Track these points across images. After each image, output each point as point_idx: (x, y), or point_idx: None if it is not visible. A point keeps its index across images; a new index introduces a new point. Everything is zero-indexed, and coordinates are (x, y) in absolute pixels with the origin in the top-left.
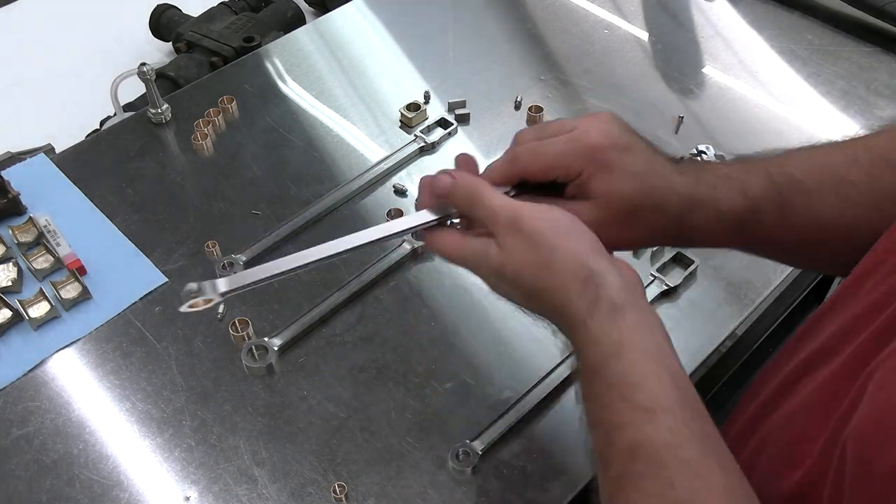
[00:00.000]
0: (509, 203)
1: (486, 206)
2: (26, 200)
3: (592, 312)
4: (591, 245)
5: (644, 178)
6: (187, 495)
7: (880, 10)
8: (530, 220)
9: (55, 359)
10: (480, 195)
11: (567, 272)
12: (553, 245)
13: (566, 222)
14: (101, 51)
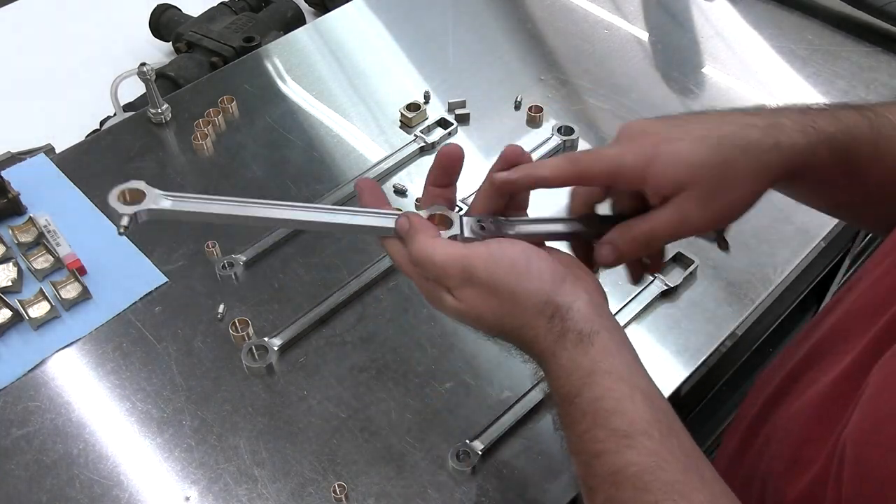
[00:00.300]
0: (457, 253)
1: (433, 264)
2: (26, 200)
3: (561, 345)
4: (553, 277)
5: (702, 128)
6: (187, 495)
7: (880, 10)
8: (484, 270)
9: (55, 359)
10: (426, 253)
11: (531, 311)
12: (513, 289)
13: (523, 260)
14: (101, 51)
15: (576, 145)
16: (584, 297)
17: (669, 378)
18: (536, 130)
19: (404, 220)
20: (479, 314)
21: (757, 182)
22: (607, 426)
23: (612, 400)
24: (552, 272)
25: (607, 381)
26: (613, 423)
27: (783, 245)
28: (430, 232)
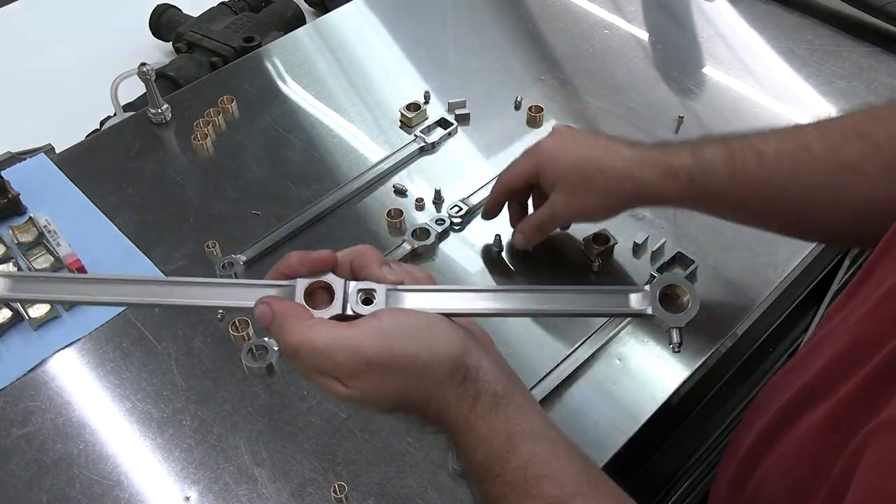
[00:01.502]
0: (343, 338)
1: (316, 355)
2: (26, 200)
3: (475, 410)
4: (459, 338)
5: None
6: (187, 495)
7: (880, 10)
8: (381, 352)
9: (55, 359)
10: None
11: (441, 380)
12: (422, 360)
13: (423, 326)
14: (101, 51)
15: None
16: (488, 355)
17: (669, 378)
18: (536, 130)
19: (264, 307)
20: (380, 397)
21: (609, 198)
22: (539, 495)
23: (538, 465)
24: (457, 334)
25: (529, 444)
26: (545, 489)
27: (783, 245)
28: (302, 316)
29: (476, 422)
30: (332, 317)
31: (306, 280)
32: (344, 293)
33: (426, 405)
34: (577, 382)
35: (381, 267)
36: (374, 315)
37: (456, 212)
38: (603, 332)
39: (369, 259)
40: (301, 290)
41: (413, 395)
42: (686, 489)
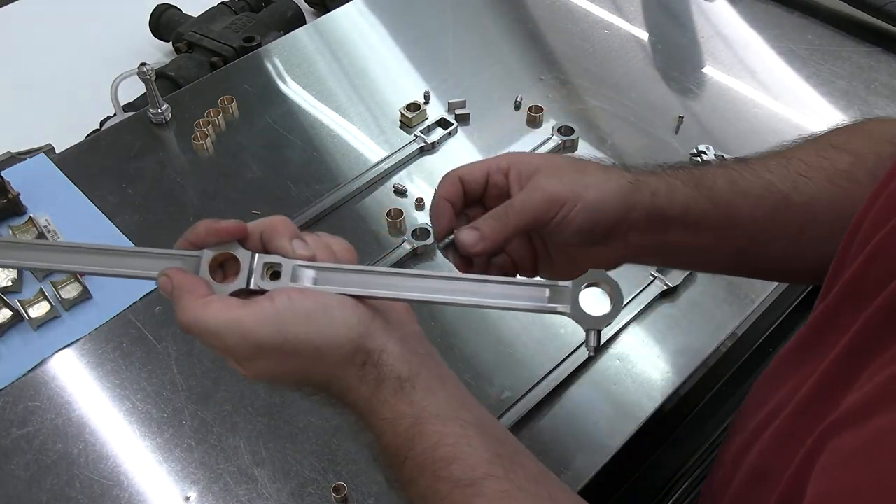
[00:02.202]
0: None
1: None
2: (26, 200)
3: (378, 395)
4: (360, 320)
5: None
6: (187, 495)
7: (880, 10)
8: (272, 335)
9: (55, 359)
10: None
11: (339, 363)
12: (315, 344)
13: (319, 310)
14: (101, 51)
15: (576, 145)
16: (395, 336)
17: (669, 378)
18: (536, 130)
19: (165, 279)
20: (277, 377)
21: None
22: (449, 478)
23: (447, 447)
24: (358, 316)
25: (437, 426)
26: (454, 472)
27: None
28: (198, 292)
29: (378, 406)
30: (235, 291)
31: (212, 251)
32: (250, 266)
33: (327, 386)
34: (577, 382)
35: (291, 240)
36: (268, 295)
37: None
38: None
39: (279, 231)
40: (206, 262)
41: (312, 377)
42: (686, 489)
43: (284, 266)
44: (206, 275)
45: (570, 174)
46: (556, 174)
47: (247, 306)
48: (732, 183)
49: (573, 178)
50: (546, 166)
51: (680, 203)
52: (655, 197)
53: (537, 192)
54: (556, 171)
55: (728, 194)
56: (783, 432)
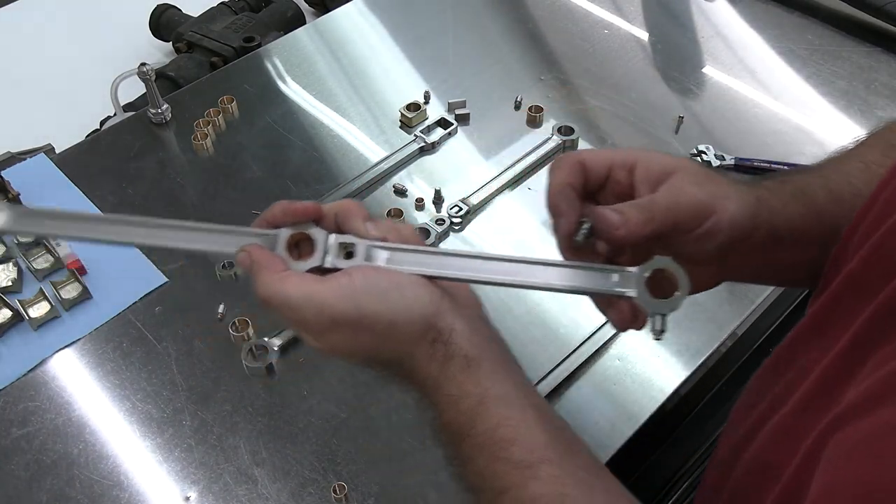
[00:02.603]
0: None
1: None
2: (26, 200)
3: (445, 372)
4: (431, 299)
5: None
6: (187, 495)
7: (880, 10)
8: (348, 310)
9: (55, 359)
10: (273, 293)
11: (411, 339)
12: (390, 319)
13: (393, 288)
14: (101, 51)
15: (576, 145)
16: (466, 316)
17: (669, 378)
18: (536, 130)
19: (244, 255)
20: (350, 351)
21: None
22: (508, 459)
23: (507, 428)
24: (430, 295)
25: (500, 408)
26: (513, 454)
27: None
28: (276, 267)
29: (445, 383)
30: (311, 269)
31: (289, 230)
32: (324, 246)
33: (397, 363)
34: (577, 382)
35: (364, 222)
36: (346, 272)
37: (456, 212)
38: (603, 332)
39: (353, 214)
40: (283, 240)
41: (383, 353)
42: (686, 489)
43: (358, 246)
44: (283, 252)
45: (709, 183)
46: (695, 180)
47: (324, 282)
48: (829, 191)
49: (713, 188)
50: (682, 169)
51: (790, 221)
52: (772, 215)
53: (684, 196)
54: (694, 177)
55: (827, 203)
56: (784, 426)
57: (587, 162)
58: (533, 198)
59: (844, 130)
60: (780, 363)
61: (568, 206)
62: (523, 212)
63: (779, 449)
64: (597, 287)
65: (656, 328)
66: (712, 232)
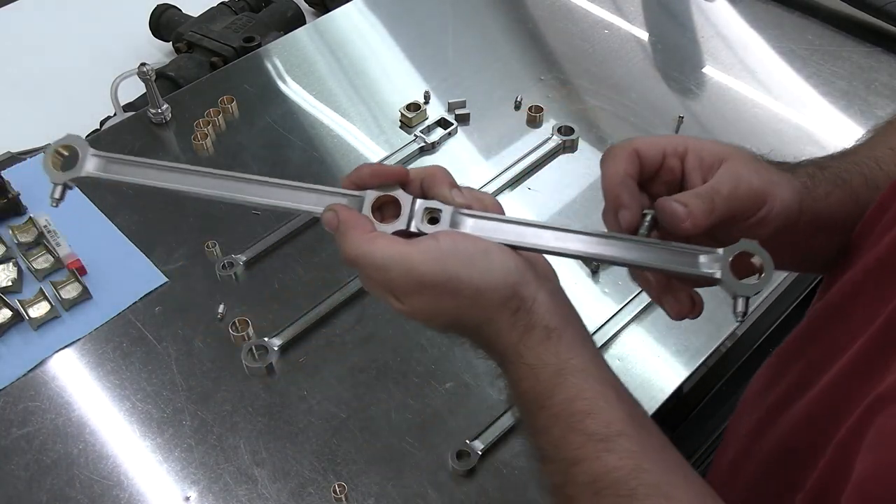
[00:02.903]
0: (399, 254)
1: (374, 268)
2: (26, 200)
3: (526, 341)
4: (517, 267)
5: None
6: (187, 495)
7: (880, 10)
8: (436, 273)
9: (55, 359)
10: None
11: (494, 306)
12: (476, 285)
13: (479, 253)
14: (101, 51)
15: (576, 145)
16: (547, 288)
17: (669, 378)
18: (536, 130)
19: (331, 214)
20: (432, 315)
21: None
22: (584, 430)
23: (585, 401)
24: (515, 263)
25: (578, 380)
26: (589, 426)
27: None
28: (364, 228)
29: (525, 352)
30: (395, 232)
31: (375, 192)
32: (410, 210)
33: (478, 330)
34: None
35: (450, 189)
36: (433, 235)
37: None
38: (604, 331)
39: (439, 180)
40: (369, 202)
41: (465, 318)
42: None
43: (444, 211)
44: (370, 214)
45: (762, 170)
46: (751, 168)
47: (413, 244)
48: (864, 177)
49: (767, 174)
50: (735, 156)
51: (832, 209)
52: (816, 203)
53: (742, 183)
54: (749, 164)
55: (864, 190)
56: (816, 409)
57: (641, 150)
58: (533, 197)
59: (844, 130)
60: (796, 348)
61: (630, 197)
62: (523, 211)
63: (811, 432)
64: (681, 267)
65: (738, 310)
66: (767, 219)
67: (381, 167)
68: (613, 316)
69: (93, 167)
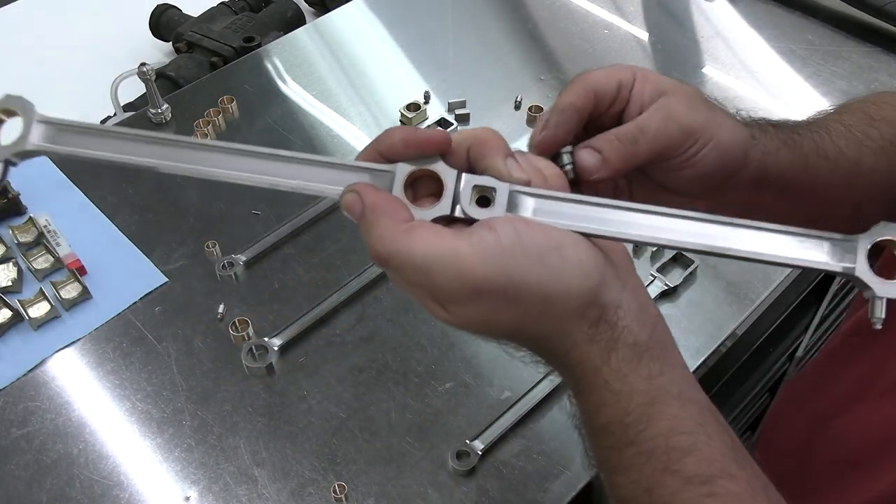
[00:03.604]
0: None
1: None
2: (26, 200)
3: (611, 362)
4: (596, 267)
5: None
6: (187, 495)
7: (880, 10)
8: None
9: (55, 359)
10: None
11: (568, 317)
12: (546, 292)
13: (554, 249)
14: (101, 51)
15: None
16: (629, 289)
17: None
18: None
19: (353, 197)
20: (487, 326)
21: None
22: (682, 473)
23: (682, 435)
24: (594, 260)
25: (674, 409)
26: (688, 467)
27: None
28: (399, 215)
29: (610, 377)
30: (436, 218)
31: (409, 166)
32: (455, 189)
33: (545, 341)
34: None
35: (505, 159)
36: (489, 224)
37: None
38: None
39: (491, 147)
40: (402, 178)
41: (529, 328)
42: None
43: (499, 190)
44: (402, 195)
45: (703, 108)
46: (688, 102)
47: (463, 237)
48: (816, 145)
49: (707, 113)
50: (676, 91)
51: (780, 167)
52: (765, 156)
53: (673, 120)
54: (688, 100)
55: (815, 158)
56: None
57: (599, 88)
58: None
59: None
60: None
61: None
62: None
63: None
64: (803, 261)
65: (877, 315)
66: (695, 159)
67: (415, 132)
68: None
69: (39, 137)
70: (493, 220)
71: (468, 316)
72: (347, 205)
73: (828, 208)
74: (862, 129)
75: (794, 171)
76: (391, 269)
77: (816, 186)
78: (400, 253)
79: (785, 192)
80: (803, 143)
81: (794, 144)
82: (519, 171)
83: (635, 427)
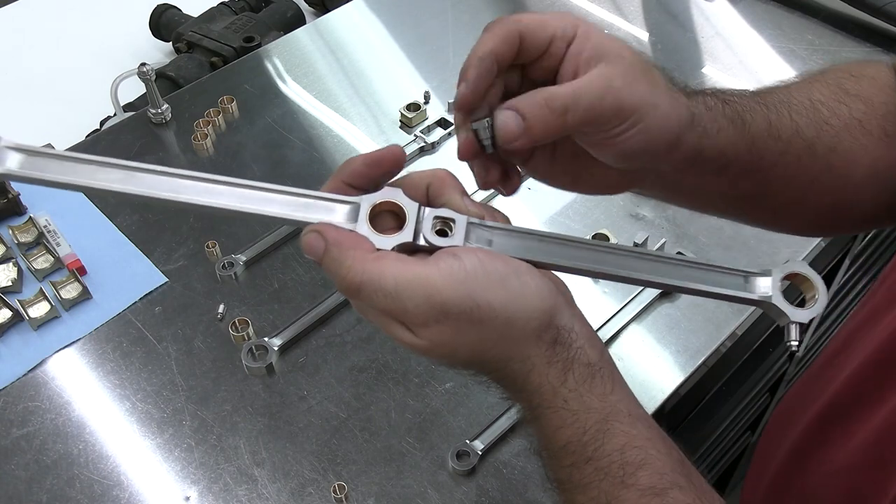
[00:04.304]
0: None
1: (383, 295)
2: (26, 200)
3: (567, 379)
4: (550, 293)
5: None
6: (187, 495)
7: (880, 10)
8: (462, 299)
9: (55, 359)
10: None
11: (527, 339)
12: (508, 315)
13: (513, 275)
14: (101, 51)
15: None
16: (577, 314)
17: (669, 378)
18: None
19: (314, 238)
20: (451, 352)
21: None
22: (635, 484)
23: (635, 449)
24: (548, 286)
25: (626, 426)
26: (642, 480)
27: (783, 244)
28: (364, 247)
29: (568, 396)
30: (397, 247)
31: (373, 197)
32: (417, 219)
33: (504, 365)
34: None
35: (462, 196)
36: (452, 252)
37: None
38: (604, 331)
39: (449, 185)
40: (366, 210)
41: (489, 352)
42: None
43: (458, 221)
44: (367, 225)
45: (644, 83)
46: (630, 75)
47: (429, 264)
48: (769, 123)
49: (644, 90)
50: (616, 58)
51: (719, 147)
52: (702, 138)
53: (610, 94)
54: (626, 72)
55: (763, 138)
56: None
57: (527, 32)
58: (533, 198)
59: None
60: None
61: (478, 80)
62: (524, 211)
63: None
64: (730, 291)
65: (792, 339)
66: (621, 139)
67: (373, 155)
68: (613, 316)
69: (15, 164)
70: (455, 248)
71: (434, 338)
72: (309, 243)
73: (772, 189)
74: (831, 105)
75: (735, 152)
76: (362, 296)
77: (761, 167)
78: (371, 280)
79: (724, 171)
80: (755, 121)
81: (741, 124)
82: (474, 207)
83: (593, 444)
